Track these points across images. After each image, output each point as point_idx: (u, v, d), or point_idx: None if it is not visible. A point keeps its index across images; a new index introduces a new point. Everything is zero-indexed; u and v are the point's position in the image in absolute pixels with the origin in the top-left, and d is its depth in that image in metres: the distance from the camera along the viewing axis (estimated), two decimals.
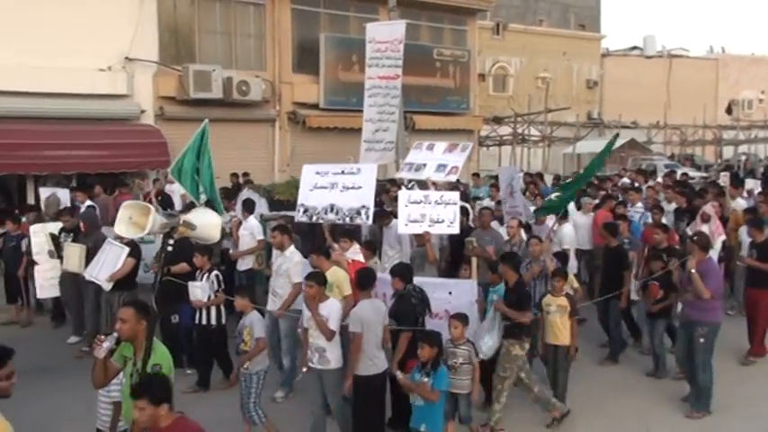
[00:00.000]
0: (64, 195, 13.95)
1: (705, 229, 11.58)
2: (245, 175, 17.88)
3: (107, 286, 9.65)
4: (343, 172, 10.40)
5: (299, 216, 10.47)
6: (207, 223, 9.22)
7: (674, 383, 9.42)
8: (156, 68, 19.34)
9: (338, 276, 8.30)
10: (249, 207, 11.93)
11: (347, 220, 10.18)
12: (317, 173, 10.56)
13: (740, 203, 14.58)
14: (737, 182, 16.92)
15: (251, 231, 11.56)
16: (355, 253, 9.20)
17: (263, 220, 12.28)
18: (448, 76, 25.41)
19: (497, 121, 33.42)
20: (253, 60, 21.59)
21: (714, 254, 10.32)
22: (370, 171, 10.41)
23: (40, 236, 11.47)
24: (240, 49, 21.34)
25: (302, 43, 22.45)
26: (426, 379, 6.74)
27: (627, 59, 45.41)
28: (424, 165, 12.27)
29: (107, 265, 9.67)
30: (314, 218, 10.34)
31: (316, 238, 10.46)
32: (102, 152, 17.25)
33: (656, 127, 39.62)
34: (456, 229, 9.96)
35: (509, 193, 12.12)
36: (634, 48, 48.19)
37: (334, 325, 7.18)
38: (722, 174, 18.50)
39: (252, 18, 21.54)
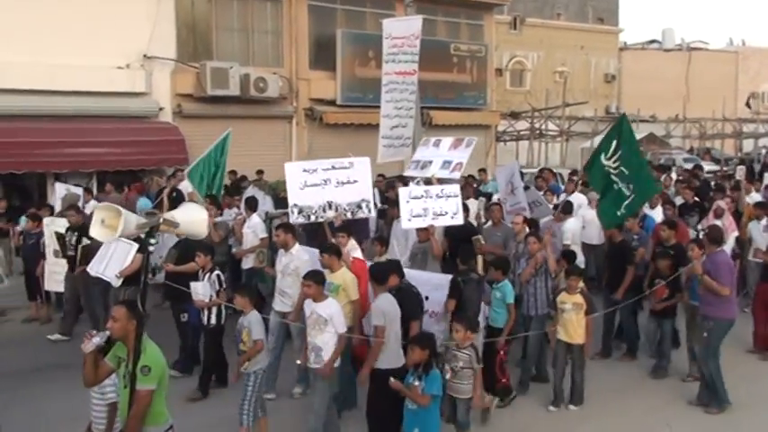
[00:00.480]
0: (77, 194, 13.98)
1: (718, 224, 11.32)
2: (260, 172, 17.94)
3: (117, 282, 9.61)
4: (333, 167, 10.37)
5: (295, 218, 10.32)
6: (191, 219, 9.00)
7: (685, 383, 9.41)
8: (174, 66, 19.44)
9: (346, 279, 8.20)
10: (252, 205, 11.90)
11: (349, 215, 10.24)
12: (305, 170, 10.49)
13: (755, 198, 14.39)
14: (753, 176, 16.73)
15: (254, 230, 11.51)
16: (353, 249, 9.16)
17: (268, 218, 12.22)
18: (465, 72, 25.37)
19: (514, 116, 33.27)
20: (270, 57, 21.64)
21: (727, 249, 10.32)
22: (364, 164, 10.43)
23: (51, 228, 11.61)
24: (257, 45, 21.40)
25: (319, 39, 22.48)
26: (418, 383, 6.56)
27: (645, 53, 45.02)
28: (430, 162, 12.23)
29: (115, 262, 9.56)
30: (311, 217, 10.28)
31: (318, 237, 10.33)
32: (121, 149, 17.38)
33: (675, 121, 39.26)
34: (460, 220, 9.89)
35: (509, 191, 12.07)
36: (653, 41, 47.75)
37: (340, 326, 7.17)
38: (738, 167, 18.20)
39: (269, 14, 21.58)
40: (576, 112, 34.71)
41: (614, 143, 10.14)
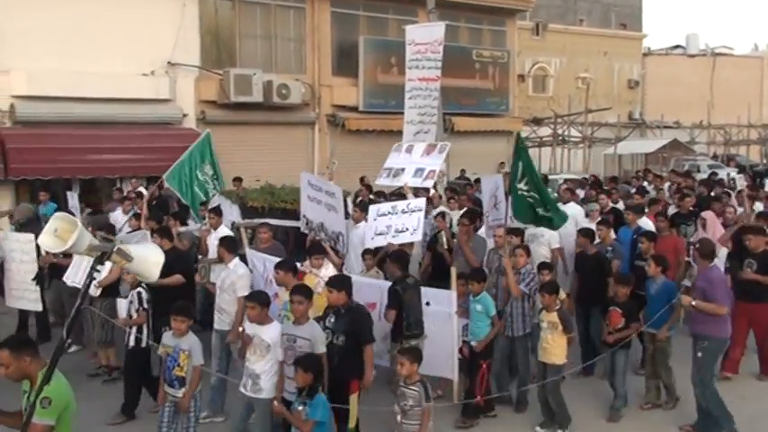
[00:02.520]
0: (76, 199, 13.84)
1: (709, 237, 10.64)
2: (237, 180, 17.78)
3: (95, 292, 9.17)
4: (323, 190, 10.06)
5: (304, 227, 10.20)
6: (145, 259, 8.48)
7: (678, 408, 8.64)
8: (198, 72, 19.60)
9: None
10: (219, 215, 11.20)
11: (332, 243, 9.89)
12: (310, 184, 10.24)
13: (759, 208, 13.58)
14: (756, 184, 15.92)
15: None
16: (326, 267, 8.71)
17: (235, 228, 11.52)
18: (487, 78, 25.33)
19: (537, 122, 33.16)
20: (293, 64, 21.75)
21: (720, 264, 9.21)
22: (339, 194, 9.96)
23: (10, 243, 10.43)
24: (280, 52, 21.51)
25: (341, 46, 22.56)
26: (301, 407, 6.18)
27: (669, 58, 44.74)
28: (403, 169, 11.69)
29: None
30: (311, 233, 10.08)
31: (293, 248, 10.11)
32: (145, 156, 17.47)
33: (700, 127, 38.97)
34: (418, 237, 9.48)
35: (492, 205, 10.67)
36: (676, 47, 47.44)
37: (276, 352, 6.72)
38: (738, 176, 17.29)
39: (292, 22, 21.70)
40: (599, 118, 34.53)
41: (520, 165, 9.06)
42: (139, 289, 8.30)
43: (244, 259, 9.24)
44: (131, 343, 8.22)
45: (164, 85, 18.83)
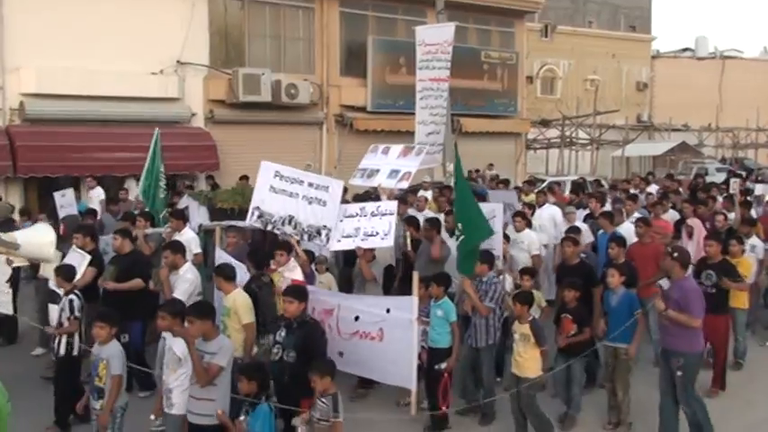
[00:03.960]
0: (71, 196, 13.60)
1: (691, 245, 10.36)
2: (209, 177, 17.62)
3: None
4: (311, 184, 9.38)
5: (253, 219, 9.50)
6: (34, 241, 7.91)
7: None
8: (207, 72, 19.63)
9: (237, 302, 7.45)
10: (183, 217, 10.79)
11: (305, 237, 9.18)
12: (277, 174, 9.51)
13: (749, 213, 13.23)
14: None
15: (187, 244, 9.91)
16: (293, 269, 8.39)
17: (202, 231, 11.04)
18: (495, 79, 25.32)
19: (545, 123, 33.13)
20: (301, 63, 21.77)
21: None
22: (338, 188, 9.25)
23: None
24: (289, 52, 21.53)
25: (350, 46, 22.58)
26: (242, 417, 5.96)
27: (678, 61, 44.62)
28: (377, 170, 11.19)
29: None
30: (269, 226, 9.39)
31: (270, 248, 9.44)
32: None
33: (708, 129, 38.89)
34: (390, 242, 8.93)
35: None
36: (685, 49, 47.31)
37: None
38: (732, 180, 16.71)
39: (300, 21, 21.72)
40: (607, 120, 34.49)
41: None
42: (71, 296, 7.84)
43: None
44: (62, 351, 7.64)
45: (173, 84, 18.85)
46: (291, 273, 8.27)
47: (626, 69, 40.49)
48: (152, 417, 6.69)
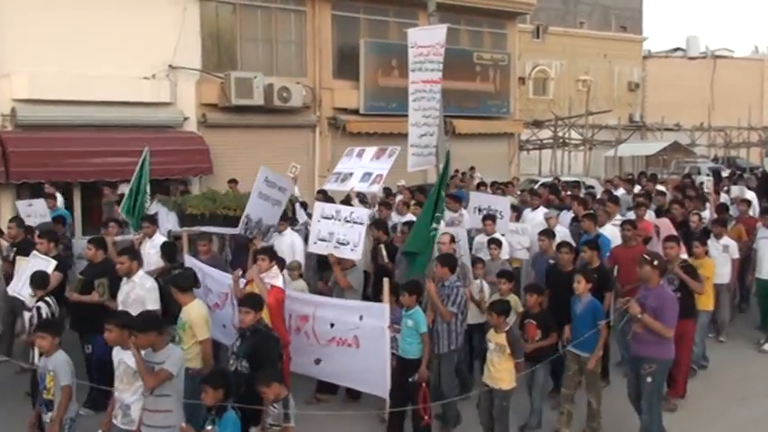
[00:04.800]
0: (41, 206, 13.33)
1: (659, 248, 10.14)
2: (182, 183, 17.43)
3: (31, 302, 8.54)
4: (278, 186, 9.50)
5: (243, 226, 9.53)
6: None
7: None
8: (199, 76, 19.58)
9: (192, 315, 7.07)
10: (155, 223, 10.61)
11: (262, 237, 9.39)
12: (266, 180, 9.55)
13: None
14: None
15: (158, 250, 9.88)
16: (274, 276, 8.14)
17: (172, 237, 10.77)
18: (488, 80, 25.35)
19: (537, 124, 33.20)
20: (293, 67, 21.75)
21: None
22: (289, 190, 9.46)
23: None
24: (281, 55, 21.51)
25: (342, 49, 22.57)
26: (210, 427, 5.80)
27: (669, 61, 44.76)
28: (351, 174, 11.17)
29: (27, 279, 8.55)
30: (248, 231, 9.45)
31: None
32: None
33: (700, 129, 39.01)
34: (358, 255, 8.86)
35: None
36: (677, 49, 47.46)
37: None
38: (705, 178, 16.44)
39: (293, 25, 21.71)
40: (600, 120, 34.57)
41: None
42: (39, 303, 7.67)
43: (183, 266, 8.91)
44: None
45: (165, 88, 18.80)
46: (273, 280, 8.04)
47: (618, 70, 40.59)
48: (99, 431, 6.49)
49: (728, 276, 10.80)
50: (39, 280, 7.97)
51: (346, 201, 12.01)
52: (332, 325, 7.99)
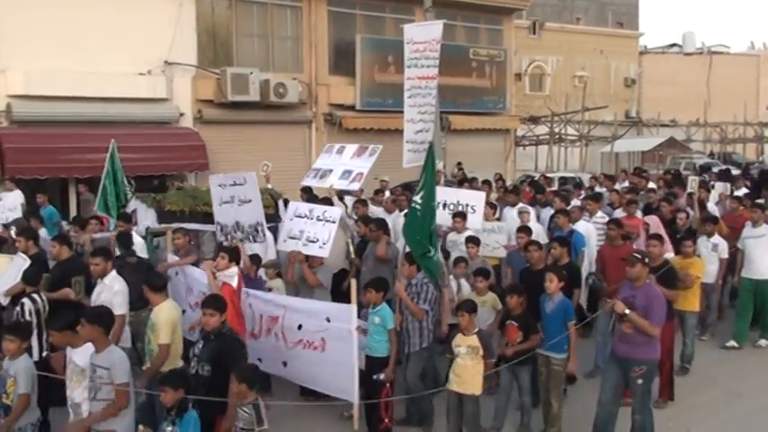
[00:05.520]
0: (10, 200, 13.25)
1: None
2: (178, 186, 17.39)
3: (3, 300, 8.44)
4: (234, 183, 9.22)
5: (219, 236, 9.46)
6: None
7: None
8: (195, 72, 19.57)
9: (160, 317, 6.88)
10: (128, 220, 10.30)
11: (250, 239, 9.09)
12: (220, 185, 9.41)
13: (712, 209, 13.14)
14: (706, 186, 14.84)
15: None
16: (231, 276, 7.89)
17: (150, 234, 10.53)
18: (484, 76, 25.35)
19: (534, 120, 33.22)
20: (290, 63, 21.74)
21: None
22: (253, 182, 9.09)
23: None
24: (277, 51, 21.50)
25: (338, 45, 22.56)
26: (170, 428, 5.66)
27: (666, 57, 44.83)
28: (330, 171, 10.92)
29: (7, 277, 8.50)
30: (228, 237, 9.30)
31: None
32: (143, 155, 17.39)
33: (696, 125, 39.07)
34: (326, 253, 8.73)
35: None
36: (673, 45, 47.54)
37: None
38: (691, 178, 15.93)
39: (288, 21, 21.69)
40: (596, 116, 34.63)
41: (423, 178, 8.07)
42: (24, 299, 7.59)
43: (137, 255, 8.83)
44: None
45: (161, 84, 18.78)
46: (228, 279, 7.80)
47: (614, 65, 40.64)
48: None
49: (716, 275, 10.64)
50: (30, 276, 7.86)
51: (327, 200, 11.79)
52: (300, 327, 7.82)
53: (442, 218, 10.79)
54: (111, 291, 7.58)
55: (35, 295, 7.72)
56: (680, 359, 9.56)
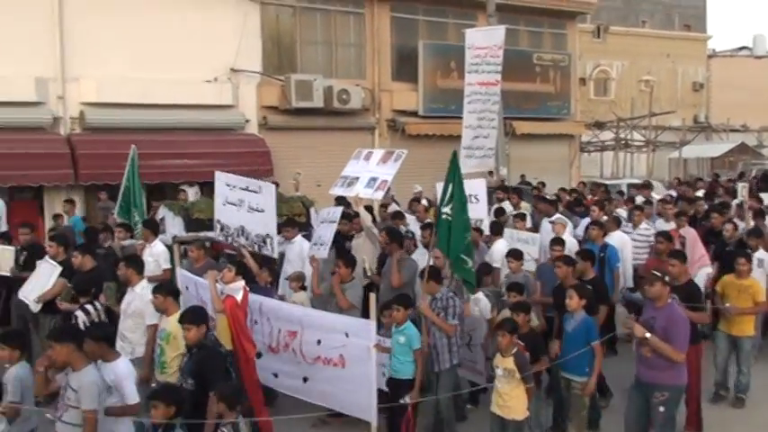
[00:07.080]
0: None
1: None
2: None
3: (35, 307, 8.57)
4: (247, 188, 8.90)
5: (217, 233, 9.28)
6: None
7: None
8: (260, 79, 19.86)
9: (177, 326, 6.69)
10: (153, 228, 10.19)
11: (255, 248, 8.76)
12: (227, 185, 9.21)
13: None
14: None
15: (156, 258, 9.58)
16: (236, 289, 7.54)
17: (176, 242, 10.32)
18: (548, 81, 25.09)
19: (599, 125, 32.72)
20: (353, 69, 21.88)
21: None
22: (270, 192, 8.73)
23: None
24: (340, 58, 21.67)
25: (401, 51, 22.61)
26: None
27: (735, 60, 43.64)
28: (357, 179, 10.61)
29: (36, 285, 8.60)
30: (229, 239, 9.17)
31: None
32: (209, 161, 17.69)
33: None
34: (323, 254, 8.67)
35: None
36: (742, 48, 46.29)
37: (86, 401, 5.55)
38: (741, 185, 14.91)
39: (352, 27, 21.84)
40: (663, 121, 33.92)
41: (450, 188, 7.77)
42: (77, 312, 7.51)
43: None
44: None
45: (227, 91, 19.13)
46: (233, 292, 7.48)
47: (681, 69, 39.74)
48: None
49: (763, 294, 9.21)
50: (82, 286, 7.82)
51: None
52: (319, 342, 7.47)
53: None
54: (143, 300, 7.49)
55: (89, 306, 7.63)
56: (734, 389, 8.97)
